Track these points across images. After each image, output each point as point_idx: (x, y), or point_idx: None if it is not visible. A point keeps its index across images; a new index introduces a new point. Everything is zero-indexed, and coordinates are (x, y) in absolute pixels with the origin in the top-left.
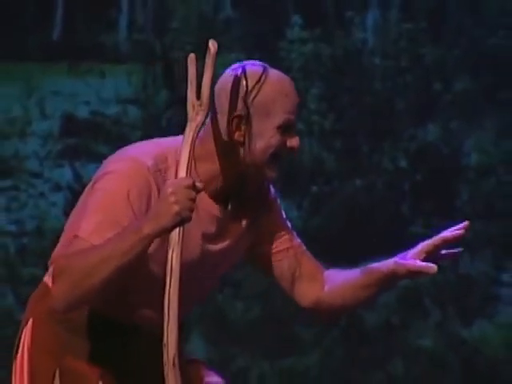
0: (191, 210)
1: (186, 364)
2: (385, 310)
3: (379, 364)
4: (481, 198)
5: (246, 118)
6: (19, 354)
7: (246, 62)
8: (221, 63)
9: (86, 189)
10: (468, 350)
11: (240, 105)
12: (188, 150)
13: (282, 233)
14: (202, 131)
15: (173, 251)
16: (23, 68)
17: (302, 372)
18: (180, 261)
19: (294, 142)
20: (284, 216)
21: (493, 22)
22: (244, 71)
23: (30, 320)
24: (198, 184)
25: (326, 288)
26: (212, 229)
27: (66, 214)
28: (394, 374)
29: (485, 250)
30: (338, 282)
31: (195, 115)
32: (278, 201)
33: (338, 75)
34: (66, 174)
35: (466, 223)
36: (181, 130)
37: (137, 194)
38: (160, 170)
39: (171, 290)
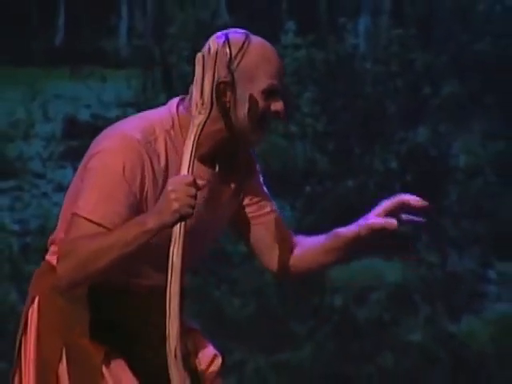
0: (191, 207)
1: (185, 333)
2: (376, 307)
3: (370, 358)
4: (468, 198)
5: (232, 84)
6: (25, 332)
7: (228, 30)
8: None
9: (79, 169)
10: (456, 345)
11: (224, 71)
12: (191, 148)
13: (262, 198)
14: (187, 100)
15: (174, 246)
16: (27, 72)
17: (295, 365)
18: (181, 258)
19: (278, 105)
20: (262, 181)
21: (479, 28)
22: (227, 39)
23: (36, 298)
24: (198, 182)
25: (296, 252)
26: (203, 193)
27: None
28: (384, 368)
29: (472, 248)
30: (306, 247)
31: (198, 114)
32: (258, 166)
33: (331, 79)
34: (68, 175)
35: (424, 203)
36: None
37: (130, 168)
38: (150, 142)
39: (172, 285)
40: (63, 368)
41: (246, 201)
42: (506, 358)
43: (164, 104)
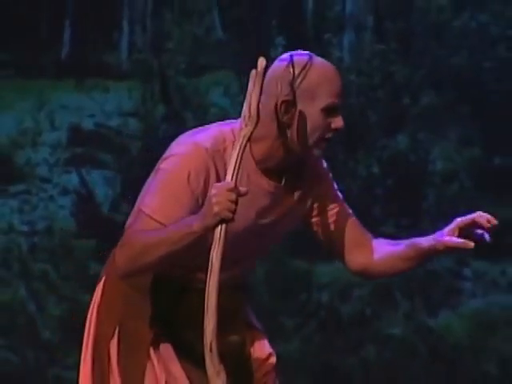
0: (231, 211)
1: (245, 327)
2: (359, 302)
3: (354, 350)
4: (445, 200)
5: (294, 102)
6: (90, 309)
7: (293, 52)
8: (212, 81)
9: (155, 167)
10: (434, 338)
11: (287, 90)
12: (236, 157)
13: (334, 203)
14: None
15: (214, 249)
16: (34, 84)
17: (285, 357)
18: (220, 259)
19: (338, 122)
20: (336, 187)
21: (455, 43)
22: (291, 60)
23: (103, 278)
24: (241, 188)
25: (375, 256)
26: (265, 202)
27: (73, 215)
28: (366, 359)
29: None
30: (384, 252)
31: (244, 126)
32: (330, 174)
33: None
34: (72, 180)
35: (493, 220)
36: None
37: (195, 175)
38: (219, 150)
39: (210, 285)
40: (114, 344)
41: (319, 207)
42: (480, 350)
43: (168, 114)
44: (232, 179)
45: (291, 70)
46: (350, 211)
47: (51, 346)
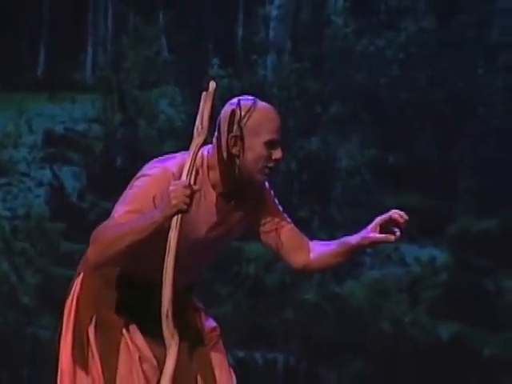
0: (186, 204)
1: (194, 311)
2: (280, 273)
3: (275, 313)
4: (349, 191)
5: (241, 137)
6: (70, 297)
7: (240, 97)
8: (160, 94)
9: (131, 182)
10: (340, 302)
11: (236, 127)
12: (190, 161)
13: (275, 216)
14: (211, 149)
15: (172, 232)
16: (16, 96)
17: (219, 319)
18: (177, 240)
19: (277, 154)
20: (276, 203)
21: (357, 63)
22: (239, 103)
23: (81, 274)
24: (193, 186)
25: (311, 255)
26: (216, 219)
27: (47, 203)
28: (286, 320)
29: (352, 229)
30: (319, 252)
31: (197, 136)
32: (272, 192)
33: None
34: (46, 174)
35: (403, 216)
36: (132, 143)
37: (160, 195)
38: (180, 174)
39: (168, 261)
40: (92, 329)
41: (263, 220)
42: (377, 312)
43: (124, 120)
44: (187, 178)
45: (239, 111)
46: (289, 220)
47: (29, 309)
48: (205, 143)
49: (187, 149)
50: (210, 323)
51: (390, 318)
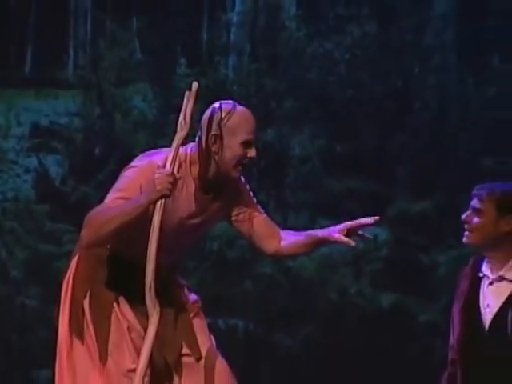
0: (169, 189)
1: (178, 287)
2: (240, 249)
3: (237, 284)
4: (301, 176)
5: (220, 137)
6: (67, 276)
7: (222, 101)
8: (134, 90)
9: (121, 173)
10: (293, 275)
11: (216, 127)
12: (173, 153)
13: (249, 207)
14: (194, 146)
15: (155, 215)
16: (6, 93)
17: None
18: (160, 223)
19: (252, 153)
20: (251, 195)
21: (308, 64)
22: (220, 106)
23: (77, 254)
24: (176, 174)
25: (282, 243)
26: (196, 208)
27: (33, 187)
28: (246, 291)
29: (303, 210)
30: (289, 241)
31: (180, 130)
32: (247, 186)
33: (210, 99)
34: (33, 162)
35: (376, 218)
36: (109, 134)
37: (146, 183)
38: (164, 167)
39: (152, 239)
40: (87, 304)
41: (238, 210)
42: (325, 283)
43: (102, 114)
44: (170, 167)
45: (219, 113)
46: (263, 211)
47: (18, 281)
48: (187, 137)
49: (160, 139)
50: (193, 297)
51: (337, 288)
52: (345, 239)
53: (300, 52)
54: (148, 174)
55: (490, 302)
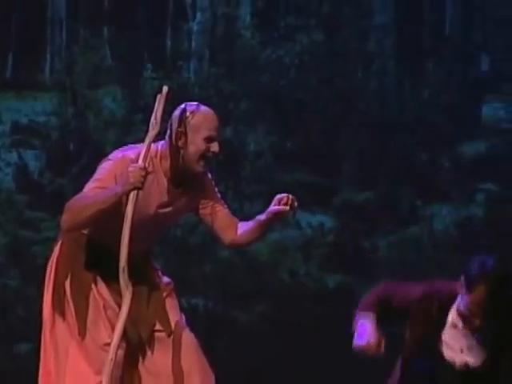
0: (141, 182)
1: (152, 270)
2: (201, 235)
3: (197, 267)
4: (256, 170)
5: (185, 133)
6: (51, 259)
7: (187, 103)
8: (105, 92)
9: (98, 166)
10: (249, 258)
11: (181, 125)
12: (145, 149)
13: (213, 201)
14: (164, 143)
15: (128, 205)
16: None
17: None
18: (133, 213)
19: (214, 147)
20: (215, 190)
21: (262, 68)
22: (185, 107)
23: (60, 240)
24: (147, 168)
25: (238, 233)
26: (165, 200)
27: (14, 179)
28: (205, 273)
29: (258, 200)
30: (243, 230)
31: (152, 129)
32: (213, 182)
33: (173, 100)
34: (14, 157)
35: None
36: (82, 131)
37: (120, 174)
38: (137, 161)
39: (125, 227)
40: (68, 284)
41: (204, 204)
42: (278, 266)
43: (76, 114)
44: (142, 162)
45: (184, 113)
46: (225, 205)
47: (0, 264)
48: (158, 135)
49: (128, 136)
50: (166, 279)
51: (288, 270)
52: (280, 207)
53: (254, 58)
54: (122, 166)
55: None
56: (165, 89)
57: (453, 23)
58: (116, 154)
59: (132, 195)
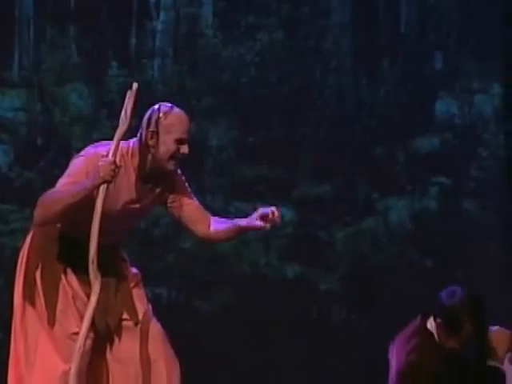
0: (111, 176)
1: (121, 261)
2: (165, 227)
3: (161, 259)
4: (218, 164)
5: (157, 133)
6: (23, 249)
7: (161, 103)
8: (71, 89)
9: (70, 162)
10: (211, 249)
11: (154, 125)
12: (115, 144)
13: (183, 195)
14: (135, 141)
15: (98, 198)
16: None
17: None
18: (102, 206)
19: (184, 149)
20: (186, 186)
21: (223, 66)
22: (159, 107)
23: (31, 232)
24: (117, 163)
25: (211, 229)
26: (136, 195)
27: None
28: (169, 264)
29: (219, 192)
30: (217, 227)
31: (122, 125)
32: (183, 178)
33: (139, 97)
34: None
35: (274, 210)
36: (49, 127)
37: (92, 169)
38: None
39: (95, 221)
40: (39, 274)
41: (173, 198)
42: (239, 257)
43: (43, 109)
44: (112, 156)
45: (157, 113)
46: (196, 200)
47: None
48: (127, 131)
49: (94, 131)
50: (134, 270)
51: (249, 261)
52: (262, 224)
53: (216, 56)
54: (94, 162)
55: None
56: (135, 85)
57: (408, 23)
58: (88, 151)
59: (102, 189)
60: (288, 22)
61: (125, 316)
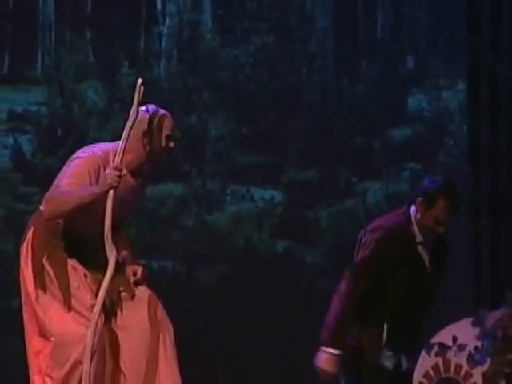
0: (117, 182)
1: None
2: (169, 207)
3: (166, 235)
4: (216, 153)
5: (149, 132)
6: (24, 243)
7: (148, 106)
8: (88, 86)
9: (66, 164)
10: (210, 226)
11: (146, 125)
12: (121, 148)
13: (142, 195)
14: (124, 141)
15: (108, 202)
16: None
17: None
18: (112, 205)
19: (172, 144)
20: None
21: (222, 65)
22: (147, 109)
23: (32, 227)
24: (123, 170)
25: (119, 235)
26: (130, 190)
27: (10, 159)
28: (173, 239)
29: (217, 177)
30: (121, 239)
31: (131, 116)
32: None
33: (147, 93)
34: (10, 140)
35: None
36: (68, 119)
37: (92, 171)
38: (105, 157)
39: (107, 214)
40: (46, 261)
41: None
42: (234, 233)
43: (63, 103)
44: (118, 162)
45: (148, 114)
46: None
47: None
48: (136, 119)
49: (107, 122)
50: (137, 264)
51: (244, 237)
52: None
53: (215, 56)
54: (93, 162)
55: None
56: (139, 81)
57: (384, 28)
58: (85, 153)
59: (110, 193)
60: (278, 27)
61: (122, 289)
